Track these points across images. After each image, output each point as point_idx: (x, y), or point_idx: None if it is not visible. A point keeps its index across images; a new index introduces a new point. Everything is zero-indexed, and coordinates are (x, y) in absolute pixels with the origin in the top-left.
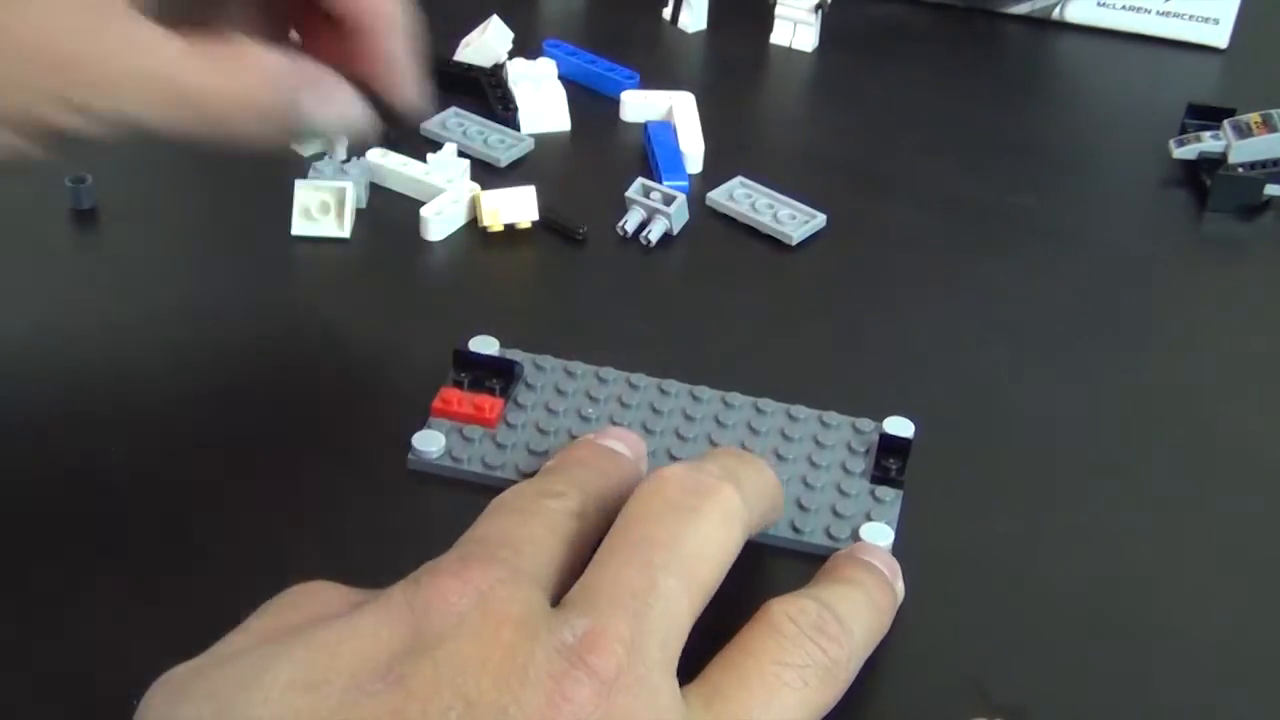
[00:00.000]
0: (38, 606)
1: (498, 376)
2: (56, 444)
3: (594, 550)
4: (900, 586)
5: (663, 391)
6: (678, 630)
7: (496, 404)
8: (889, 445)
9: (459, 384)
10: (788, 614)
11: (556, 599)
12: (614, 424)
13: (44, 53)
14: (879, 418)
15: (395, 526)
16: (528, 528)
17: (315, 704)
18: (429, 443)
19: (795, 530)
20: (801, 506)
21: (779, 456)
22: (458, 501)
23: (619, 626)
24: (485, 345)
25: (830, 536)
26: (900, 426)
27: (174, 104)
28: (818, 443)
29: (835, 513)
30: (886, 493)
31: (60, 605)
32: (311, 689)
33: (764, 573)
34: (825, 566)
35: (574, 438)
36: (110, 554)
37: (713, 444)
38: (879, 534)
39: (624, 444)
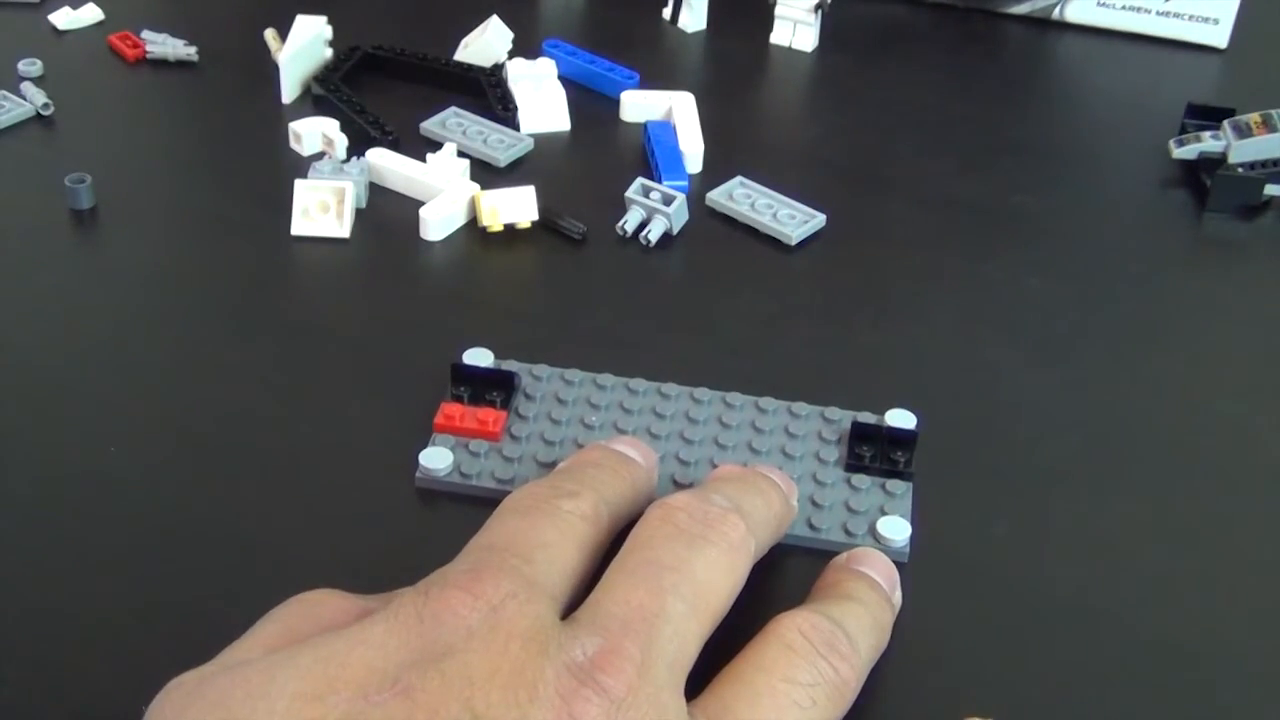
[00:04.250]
0: (37, 615)
1: (497, 388)
2: (56, 444)
3: (605, 555)
4: (898, 596)
5: (662, 395)
6: (686, 653)
7: (499, 417)
8: (895, 437)
9: (459, 398)
10: (799, 629)
11: (567, 605)
12: (619, 431)
13: None
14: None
15: (404, 543)
16: (540, 531)
17: (322, 714)
18: (437, 460)
19: (812, 528)
20: (815, 504)
21: (785, 455)
22: (466, 515)
23: (629, 647)
24: (480, 357)
25: (847, 532)
26: (902, 419)
27: None
28: (822, 438)
29: (849, 508)
30: (897, 485)
31: (61, 613)
32: (319, 699)
33: (776, 571)
34: (825, 580)
35: (580, 447)
36: (112, 558)
37: (718, 445)
38: (897, 528)
39: (636, 451)
